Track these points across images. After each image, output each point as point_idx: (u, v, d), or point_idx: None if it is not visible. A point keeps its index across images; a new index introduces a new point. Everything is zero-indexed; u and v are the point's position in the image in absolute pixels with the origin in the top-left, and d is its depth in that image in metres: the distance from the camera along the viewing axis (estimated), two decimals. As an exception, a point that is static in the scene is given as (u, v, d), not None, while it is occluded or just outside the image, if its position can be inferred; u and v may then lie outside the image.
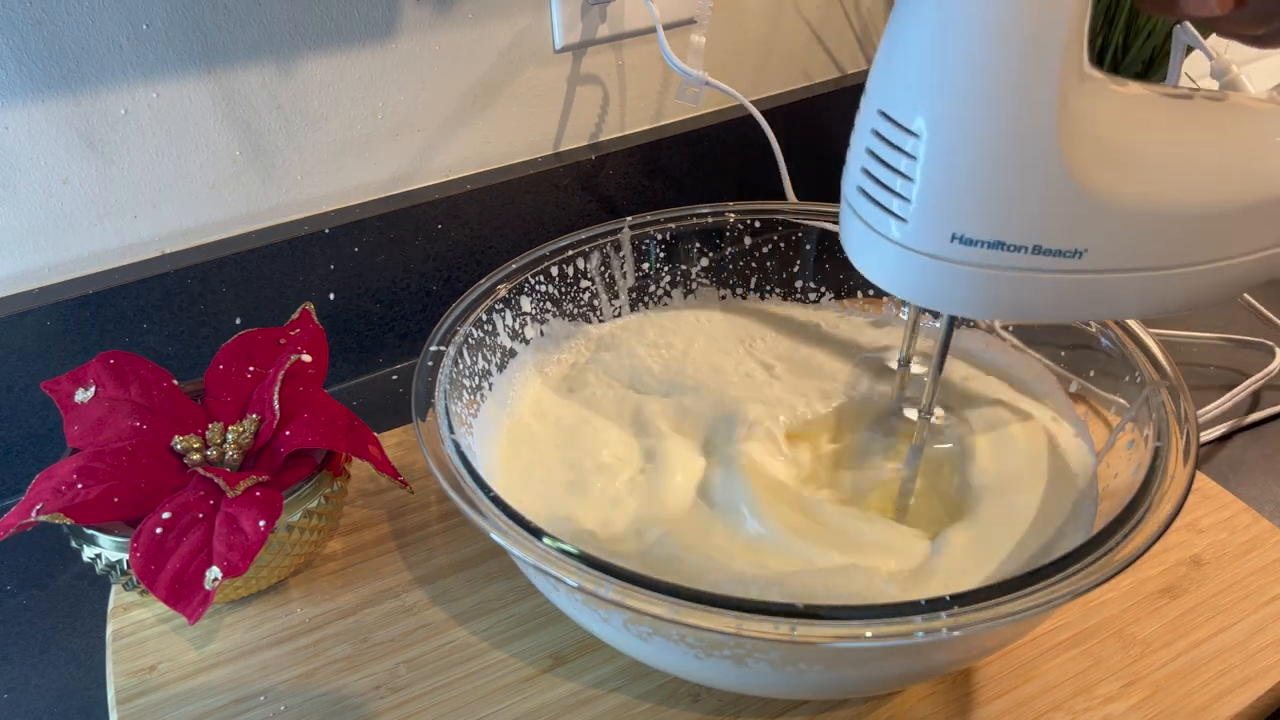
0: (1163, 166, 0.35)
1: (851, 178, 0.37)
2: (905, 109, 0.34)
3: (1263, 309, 0.66)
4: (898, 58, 0.34)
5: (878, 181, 0.35)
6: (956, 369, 0.55)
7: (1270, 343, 0.65)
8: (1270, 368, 0.62)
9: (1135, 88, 0.36)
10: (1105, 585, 0.36)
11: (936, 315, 0.51)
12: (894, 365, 0.49)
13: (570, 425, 0.52)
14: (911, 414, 0.49)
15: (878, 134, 0.35)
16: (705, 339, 0.58)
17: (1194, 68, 0.64)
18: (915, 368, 0.49)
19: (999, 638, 0.40)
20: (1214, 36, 0.38)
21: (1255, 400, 0.62)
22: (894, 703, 0.44)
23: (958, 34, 0.32)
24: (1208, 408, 0.59)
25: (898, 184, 0.34)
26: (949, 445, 0.50)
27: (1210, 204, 0.35)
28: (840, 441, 0.53)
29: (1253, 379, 0.61)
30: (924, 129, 0.33)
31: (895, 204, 0.35)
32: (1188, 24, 0.51)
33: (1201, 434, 0.58)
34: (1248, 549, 0.50)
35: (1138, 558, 0.36)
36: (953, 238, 0.34)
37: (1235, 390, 0.60)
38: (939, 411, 0.48)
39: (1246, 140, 0.36)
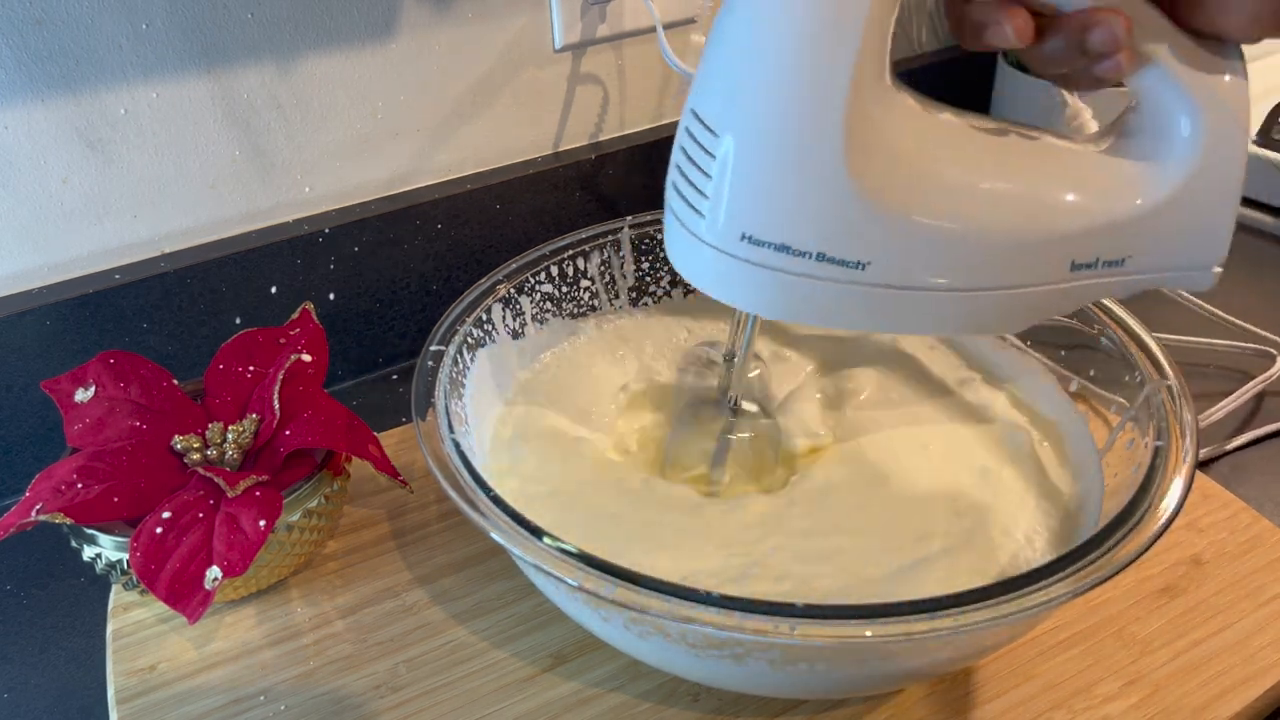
0: (952, 189, 0.35)
1: (670, 175, 0.38)
2: (710, 107, 0.35)
3: (1255, 329, 0.66)
4: (710, 58, 0.35)
5: (686, 178, 0.36)
6: (952, 371, 0.55)
7: (1271, 349, 0.64)
8: (1270, 371, 0.62)
9: (947, 114, 0.36)
10: (1105, 584, 0.35)
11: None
12: (719, 360, 0.51)
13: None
14: (751, 406, 0.50)
15: (689, 132, 0.36)
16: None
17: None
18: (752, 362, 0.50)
19: (999, 637, 0.40)
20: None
21: (1258, 402, 0.62)
22: (894, 702, 0.44)
23: (758, 38, 0.33)
24: (1209, 410, 0.59)
25: (700, 181, 0.35)
26: (751, 435, 0.50)
27: (996, 232, 0.36)
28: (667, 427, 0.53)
29: (1254, 382, 0.61)
30: (722, 128, 0.34)
31: (697, 200, 0.36)
32: None
33: (1204, 440, 0.58)
34: (1248, 548, 0.50)
35: (1137, 557, 0.36)
36: (742, 237, 0.35)
37: (1236, 394, 0.60)
38: (747, 405, 0.49)
39: (1042, 176, 0.36)
